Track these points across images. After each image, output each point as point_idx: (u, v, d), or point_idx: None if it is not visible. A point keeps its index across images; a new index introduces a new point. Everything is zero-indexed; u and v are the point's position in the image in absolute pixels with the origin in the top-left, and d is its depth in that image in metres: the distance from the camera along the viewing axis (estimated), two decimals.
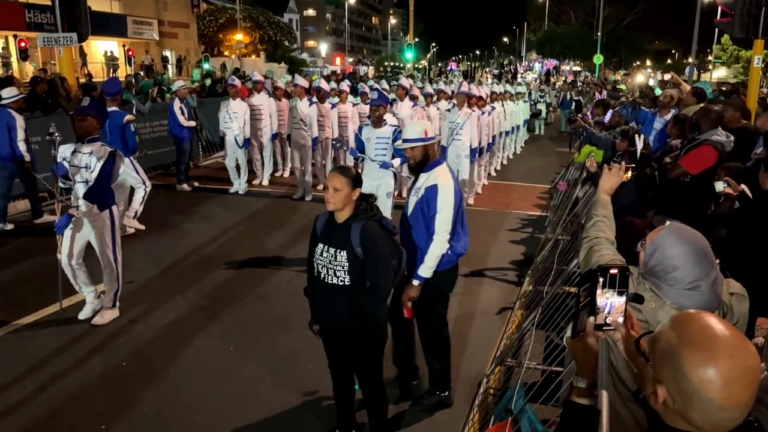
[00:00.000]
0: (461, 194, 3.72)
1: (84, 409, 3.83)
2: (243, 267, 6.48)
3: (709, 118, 4.77)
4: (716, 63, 41.96)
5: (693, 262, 1.95)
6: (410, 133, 3.72)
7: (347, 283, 3.02)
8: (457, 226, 3.62)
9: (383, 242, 3.02)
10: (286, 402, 3.95)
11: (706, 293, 1.96)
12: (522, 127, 15.40)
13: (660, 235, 2.09)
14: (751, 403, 1.12)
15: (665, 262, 2.00)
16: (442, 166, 3.67)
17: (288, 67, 35.82)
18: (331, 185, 2.95)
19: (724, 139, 4.69)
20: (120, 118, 7.05)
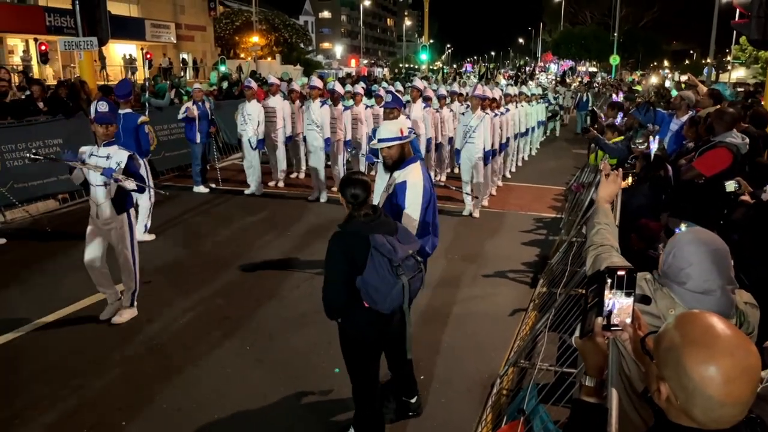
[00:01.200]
0: (432, 193, 3.80)
1: (105, 405, 3.92)
2: (259, 267, 6.57)
3: (723, 120, 4.76)
4: (735, 63, 41.42)
5: (708, 266, 1.98)
6: (386, 132, 3.88)
7: None
8: (427, 225, 3.69)
9: (334, 256, 3.02)
10: (301, 401, 4.02)
11: (719, 298, 1.98)
12: (537, 128, 15.36)
13: (678, 237, 2.14)
14: (751, 399, 1.15)
15: (680, 265, 2.03)
16: (414, 164, 3.80)
17: (303, 69, 36.03)
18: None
19: (739, 141, 4.68)
20: (134, 119, 7.09)
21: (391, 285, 2.93)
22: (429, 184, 3.77)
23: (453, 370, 4.46)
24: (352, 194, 3.10)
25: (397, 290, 2.95)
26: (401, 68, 56.88)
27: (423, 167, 3.86)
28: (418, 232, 3.66)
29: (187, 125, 9.90)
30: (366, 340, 3.23)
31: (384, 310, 3.02)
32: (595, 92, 25.90)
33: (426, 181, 3.74)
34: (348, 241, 3.00)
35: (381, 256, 2.93)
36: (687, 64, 60.20)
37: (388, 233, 3.00)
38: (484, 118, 8.71)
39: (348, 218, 3.11)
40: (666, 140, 6.37)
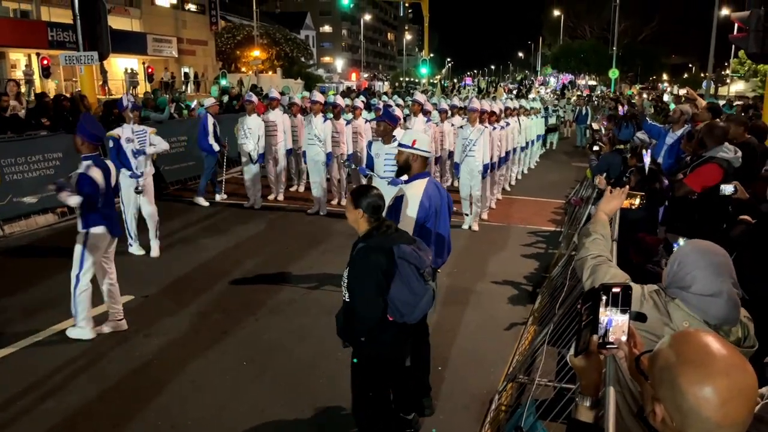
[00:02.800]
0: (440, 210, 3.81)
1: (98, 421, 3.88)
2: (257, 281, 6.54)
3: (713, 135, 4.77)
4: (734, 77, 41.59)
5: (713, 270, 2.02)
6: (403, 139, 4.03)
7: (346, 299, 3.10)
8: (426, 240, 3.69)
9: (368, 271, 2.96)
10: (301, 416, 3.98)
11: (726, 302, 2.01)
12: (536, 141, 15.40)
13: (681, 248, 2.21)
14: (748, 421, 1.13)
15: (686, 270, 2.07)
16: (420, 180, 3.84)
17: (304, 83, 36.23)
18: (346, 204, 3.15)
19: (731, 156, 4.68)
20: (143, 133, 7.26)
21: (421, 294, 3.00)
22: (433, 201, 3.78)
23: (451, 385, 4.42)
24: (372, 206, 3.05)
25: (427, 297, 3.04)
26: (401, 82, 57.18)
27: (432, 183, 3.87)
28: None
29: (204, 137, 10.01)
30: (391, 357, 3.20)
31: (412, 320, 3.07)
32: (595, 105, 25.98)
33: (428, 199, 3.75)
34: (378, 254, 2.96)
35: (409, 265, 2.95)
36: (686, 77, 60.51)
37: (408, 243, 3.05)
38: (484, 131, 8.72)
39: (369, 232, 3.05)
40: (661, 154, 6.37)
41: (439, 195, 3.87)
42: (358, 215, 3.05)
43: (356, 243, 3.13)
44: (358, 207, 3.04)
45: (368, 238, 3.03)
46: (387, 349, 3.12)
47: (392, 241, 2.99)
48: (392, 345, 3.13)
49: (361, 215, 3.05)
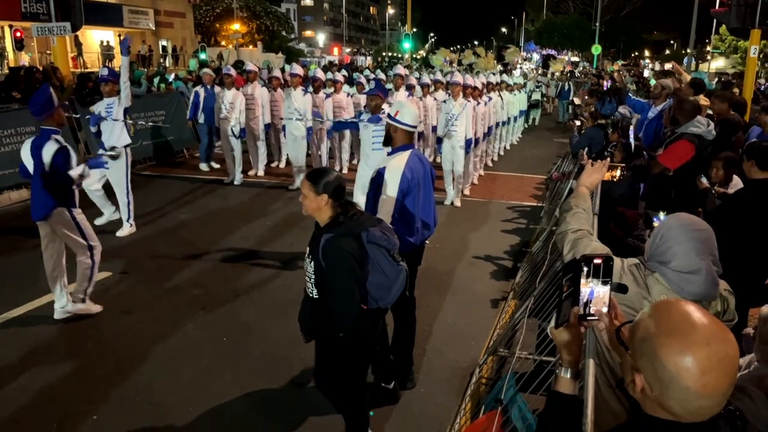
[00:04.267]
0: (423, 184, 3.72)
1: (76, 398, 3.83)
2: (237, 258, 6.48)
3: (683, 109, 4.80)
4: (714, 53, 41.81)
5: (693, 246, 2.01)
6: (390, 109, 3.97)
7: (315, 296, 2.88)
8: (406, 215, 3.65)
9: (345, 262, 2.72)
10: (281, 393, 3.96)
11: (705, 278, 2.01)
12: (519, 117, 15.37)
13: (664, 221, 2.20)
14: (728, 391, 1.12)
15: (667, 245, 2.06)
16: (403, 153, 3.74)
17: (285, 57, 35.65)
18: (301, 190, 2.85)
19: (702, 130, 4.70)
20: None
21: (395, 276, 2.89)
22: (416, 173, 3.68)
23: (432, 359, 4.43)
24: (337, 189, 2.81)
25: (401, 279, 2.93)
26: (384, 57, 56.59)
27: (414, 156, 3.76)
28: (397, 221, 3.60)
29: (194, 107, 10.34)
30: (370, 343, 3.08)
31: (387, 304, 2.97)
32: (577, 81, 25.97)
33: (410, 171, 3.65)
34: (350, 243, 2.74)
35: (379, 248, 2.82)
36: (667, 54, 60.72)
37: (373, 225, 2.88)
38: (466, 105, 8.66)
39: (335, 219, 2.81)
40: (642, 128, 6.39)
41: (423, 167, 3.80)
42: (322, 202, 2.78)
43: (319, 234, 2.83)
44: (321, 192, 2.77)
45: (335, 227, 2.78)
46: (369, 334, 3.01)
47: (360, 226, 2.81)
48: (370, 330, 3.02)
49: (325, 201, 2.78)
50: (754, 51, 8.11)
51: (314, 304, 2.89)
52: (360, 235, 2.77)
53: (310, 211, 2.85)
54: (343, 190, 2.85)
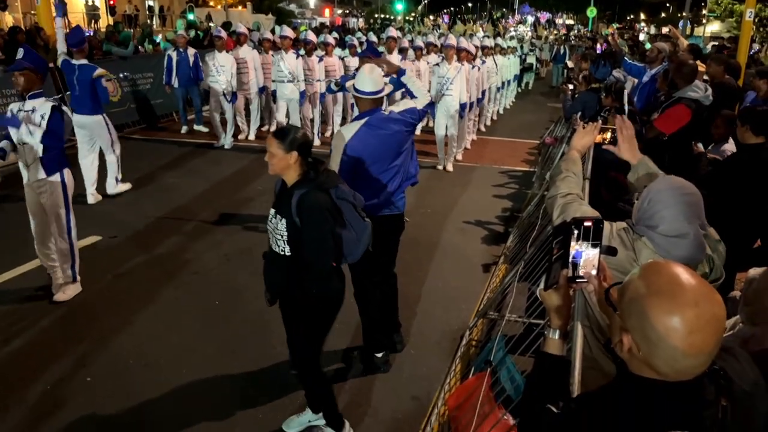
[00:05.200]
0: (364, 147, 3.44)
1: (69, 361, 3.85)
2: (228, 222, 6.46)
3: (682, 73, 4.75)
4: (710, 17, 41.34)
5: (681, 209, 2.01)
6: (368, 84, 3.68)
7: (287, 254, 2.84)
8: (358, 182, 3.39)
9: (322, 216, 2.72)
10: (271, 355, 3.99)
11: (692, 242, 2.01)
12: (512, 81, 15.22)
13: (653, 183, 2.17)
14: (715, 351, 1.13)
15: (655, 209, 2.06)
16: (355, 123, 3.50)
17: (276, 19, 34.90)
18: (268, 149, 2.78)
19: (700, 95, 4.67)
20: (89, 72, 6.58)
21: (362, 231, 2.91)
22: (368, 147, 3.43)
23: (423, 322, 4.48)
24: (306, 146, 2.78)
25: (368, 234, 2.94)
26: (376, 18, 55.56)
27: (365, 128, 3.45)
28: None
29: (168, 72, 10.18)
30: (341, 298, 3.07)
31: (356, 258, 2.97)
32: (572, 45, 25.67)
33: (358, 140, 3.41)
34: (325, 198, 2.75)
35: (347, 203, 2.84)
36: (663, 17, 59.94)
37: (340, 181, 2.89)
38: (461, 69, 8.55)
39: (305, 176, 2.79)
40: (637, 93, 6.34)
41: (386, 133, 3.49)
42: (291, 159, 2.74)
43: (289, 191, 2.79)
44: (291, 149, 2.72)
45: (307, 183, 2.76)
46: (340, 289, 3.02)
47: (331, 182, 2.81)
48: (341, 285, 3.02)
49: (294, 159, 2.74)
50: (750, 14, 8.01)
51: (289, 261, 2.84)
52: (330, 191, 2.78)
53: (278, 170, 2.81)
54: (310, 146, 2.84)
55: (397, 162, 3.61)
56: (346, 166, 3.41)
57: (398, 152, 3.59)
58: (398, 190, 3.69)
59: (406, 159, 3.68)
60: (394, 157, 3.57)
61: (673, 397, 1.15)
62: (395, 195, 3.68)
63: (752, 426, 1.32)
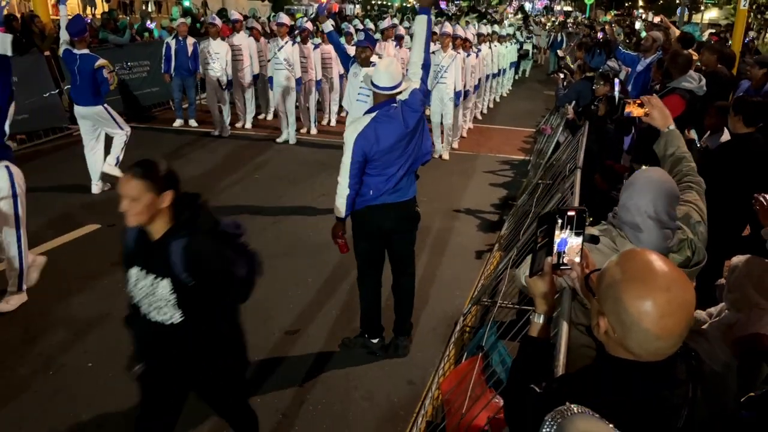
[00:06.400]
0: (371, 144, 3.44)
1: (72, 348, 3.93)
2: (225, 211, 6.49)
3: (677, 63, 4.79)
4: (708, 3, 41.17)
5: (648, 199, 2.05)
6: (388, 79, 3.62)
7: (179, 321, 2.25)
8: (370, 171, 3.53)
9: (222, 258, 2.26)
10: (270, 340, 4.08)
11: (650, 234, 2.06)
12: (509, 69, 15.23)
13: (633, 175, 2.24)
14: (685, 333, 1.21)
15: (624, 200, 2.13)
16: (366, 117, 3.52)
17: (272, 5, 34.65)
18: (124, 193, 2.16)
19: (694, 85, 4.72)
20: (91, 62, 6.54)
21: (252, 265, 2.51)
22: (379, 138, 3.43)
23: (419, 309, 4.55)
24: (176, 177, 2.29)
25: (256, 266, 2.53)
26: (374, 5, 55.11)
27: (381, 118, 3.46)
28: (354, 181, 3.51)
29: (167, 61, 9.98)
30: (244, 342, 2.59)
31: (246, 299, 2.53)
32: (569, 32, 25.62)
33: (364, 138, 3.42)
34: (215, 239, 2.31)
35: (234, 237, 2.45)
36: (661, 3, 59.63)
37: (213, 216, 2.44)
38: (456, 57, 8.57)
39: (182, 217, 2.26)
40: (631, 81, 6.39)
41: (376, 138, 3.44)
42: (165, 201, 2.18)
43: (158, 243, 2.23)
44: (167, 187, 2.20)
45: (185, 227, 2.23)
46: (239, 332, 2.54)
47: (210, 217, 2.37)
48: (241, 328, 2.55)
49: (169, 199, 2.20)
50: (744, 3, 8.03)
51: (184, 330, 2.27)
52: (215, 230, 2.35)
53: (143, 218, 2.18)
54: (179, 178, 2.31)
55: (410, 147, 3.59)
56: (356, 158, 3.45)
57: (411, 138, 3.58)
58: (410, 172, 3.68)
59: (417, 141, 3.65)
60: (406, 144, 3.56)
61: (646, 377, 1.23)
62: (407, 179, 3.67)
63: (722, 404, 1.39)
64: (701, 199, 2.44)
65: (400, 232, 3.80)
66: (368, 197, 3.59)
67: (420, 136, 3.65)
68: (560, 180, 4.97)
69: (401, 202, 3.68)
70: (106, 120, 6.76)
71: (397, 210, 3.68)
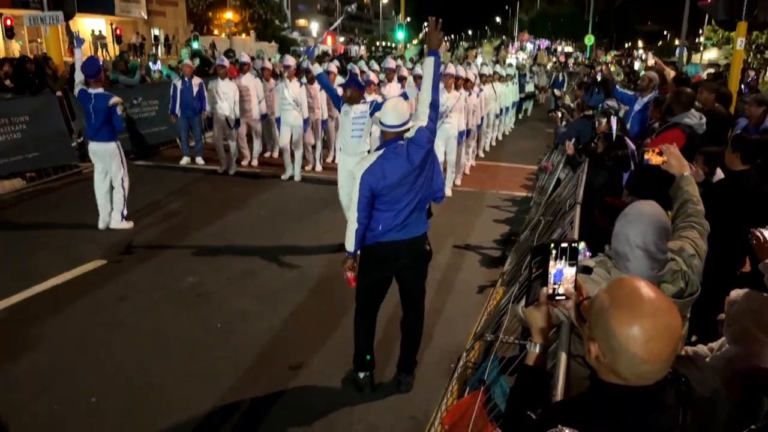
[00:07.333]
0: (378, 180, 3.51)
1: (74, 381, 3.94)
2: (230, 246, 6.57)
3: (680, 100, 4.89)
4: (707, 44, 41.91)
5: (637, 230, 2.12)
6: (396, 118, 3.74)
7: None
8: (379, 207, 3.60)
9: None
10: (275, 375, 4.08)
11: (635, 263, 2.13)
12: (511, 108, 15.47)
13: (626, 209, 2.31)
14: (671, 358, 1.25)
15: (616, 230, 2.21)
16: (374, 154, 3.61)
17: (279, 46, 35.49)
18: None
19: (695, 122, 4.81)
20: (106, 100, 6.70)
21: None
22: (386, 175, 3.50)
23: (422, 344, 4.53)
24: None
25: None
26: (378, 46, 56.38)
27: (389, 156, 3.55)
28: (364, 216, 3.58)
29: (173, 101, 10.20)
30: None
31: None
32: (570, 72, 26.07)
33: (370, 174, 3.50)
34: None
35: None
36: (660, 45, 60.79)
37: None
38: (459, 97, 8.76)
39: None
40: (630, 119, 6.51)
41: (404, 164, 3.54)
42: None
43: None
44: None
45: None
46: None
47: None
48: None
49: None
50: (741, 43, 8.23)
51: None
52: None
53: None
54: None
55: (418, 183, 3.64)
56: (364, 193, 3.54)
57: (418, 175, 3.63)
58: (419, 208, 3.71)
59: (427, 178, 3.70)
60: (413, 180, 3.61)
61: (636, 401, 1.27)
62: (416, 215, 3.71)
63: (712, 431, 1.42)
64: (701, 238, 2.50)
65: (411, 274, 3.87)
66: (377, 232, 3.65)
67: (429, 172, 3.73)
68: (561, 216, 5.03)
69: (410, 239, 3.72)
70: (114, 158, 6.87)
71: (407, 247, 3.73)
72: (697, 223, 2.56)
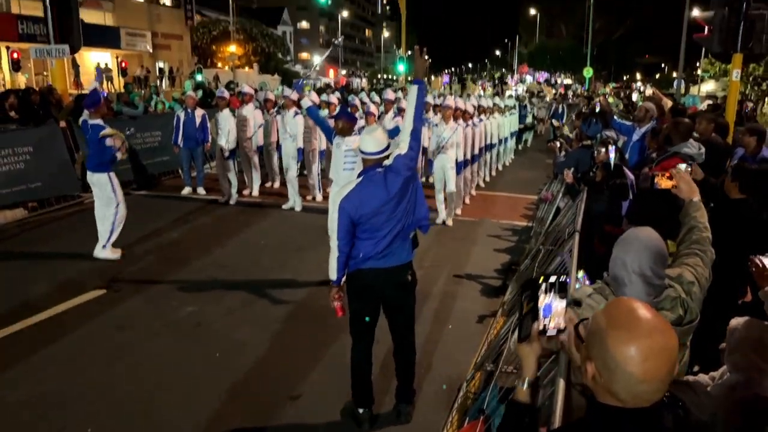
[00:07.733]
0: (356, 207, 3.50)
1: (72, 411, 3.90)
2: (231, 276, 6.56)
3: (679, 131, 4.94)
4: (704, 76, 42.45)
5: (632, 255, 2.16)
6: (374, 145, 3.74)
7: None
8: (360, 235, 3.58)
9: None
10: (275, 405, 4.04)
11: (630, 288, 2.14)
12: (511, 139, 15.61)
13: (622, 235, 2.35)
14: (667, 378, 1.25)
15: (614, 256, 2.24)
16: (352, 182, 3.63)
17: (281, 79, 36.03)
18: None
19: (694, 152, 4.85)
20: (98, 131, 6.72)
21: None
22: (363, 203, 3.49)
23: (422, 374, 4.51)
24: None
25: None
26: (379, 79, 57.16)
27: (366, 183, 3.55)
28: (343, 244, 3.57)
29: (176, 132, 10.40)
30: None
31: None
32: (569, 104, 26.35)
33: (348, 201, 3.49)
34: None
35: None
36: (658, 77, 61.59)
37: None
38: (457, 129, 8.85)
39: None
40: (628, 149, 6.56)
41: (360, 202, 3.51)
42: None
43: None
44: None
45: None
46: None
47: None
48: None
49: None
50: (736, 75, 8.33)
51: None
52: None
53: None
54: None
55: (399, 211, 3.60)
56: (343, 221, 3.52)
57: (398, 202, 3.59)
58: (401, 237, 3.67)
59: (409, 205, 3.67)
60: (393, 208, 3.57)
61: (634, 423, 1.27)
62: (398, 243, 3.67)
63: None
64: (703, 266, 2.50)
65: (395, 304, 3.81)
66: (358, 259, 3.63)
67: (411, 201, 3.69)
68: (560, 244, 5.03)
69: (392, 267, 3.67)
70: (105, 189, 6.82)
71: (388, 275, 3.67)
72: (701, 250, 2.56)
